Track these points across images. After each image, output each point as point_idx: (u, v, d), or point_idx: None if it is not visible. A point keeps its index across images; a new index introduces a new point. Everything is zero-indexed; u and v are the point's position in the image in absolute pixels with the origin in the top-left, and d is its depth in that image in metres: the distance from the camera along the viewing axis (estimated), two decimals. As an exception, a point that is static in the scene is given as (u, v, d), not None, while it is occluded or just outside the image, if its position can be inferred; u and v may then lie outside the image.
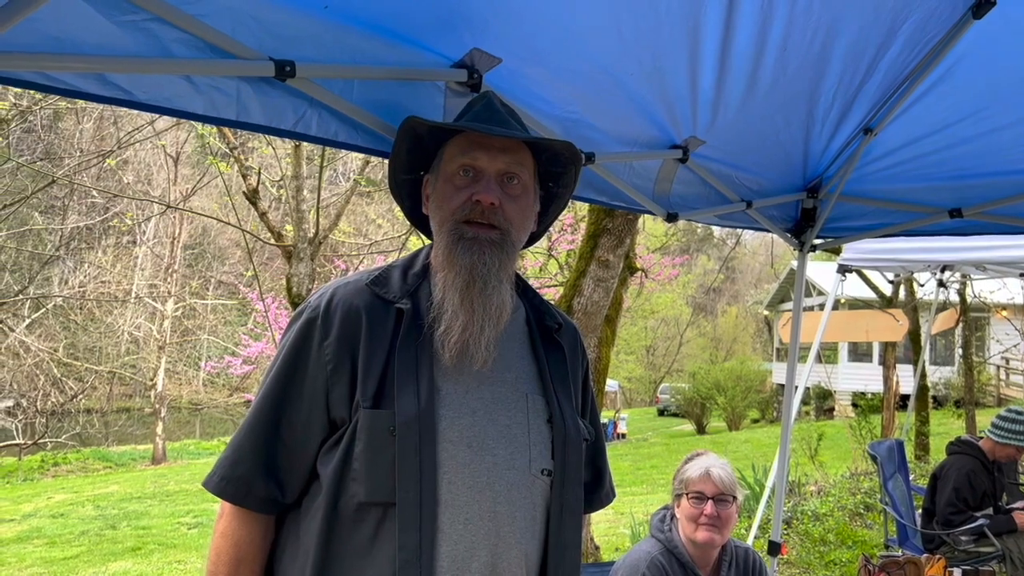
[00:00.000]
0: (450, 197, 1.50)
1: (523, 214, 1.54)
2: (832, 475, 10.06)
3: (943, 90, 2.63)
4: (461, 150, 1.51)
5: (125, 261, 30.10)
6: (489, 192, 1.47)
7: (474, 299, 1.43)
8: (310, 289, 6.69)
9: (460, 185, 1.50)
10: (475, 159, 1.49)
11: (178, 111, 1.51)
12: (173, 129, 14.19)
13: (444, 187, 1.52)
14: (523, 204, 1.54)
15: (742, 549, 2.80)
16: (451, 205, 1.49)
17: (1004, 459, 4.99)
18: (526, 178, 1.54)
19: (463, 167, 1.50)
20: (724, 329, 41.24)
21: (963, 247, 5.39)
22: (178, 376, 31.88)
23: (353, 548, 1.38)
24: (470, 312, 1.43)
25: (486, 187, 1.48)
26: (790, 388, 3.66)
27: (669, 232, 18.88)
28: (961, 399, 13.69)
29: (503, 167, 1.50)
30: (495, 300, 1.46)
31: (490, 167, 1.49)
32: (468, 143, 1.50)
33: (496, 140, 1.50)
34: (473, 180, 1.49)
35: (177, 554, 9.80)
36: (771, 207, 3.29)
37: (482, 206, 1.47)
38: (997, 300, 12.60)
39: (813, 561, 6.44)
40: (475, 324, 1.42)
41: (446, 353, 1.42)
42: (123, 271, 29.34)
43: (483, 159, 1.49)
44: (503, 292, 1.48)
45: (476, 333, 1.42)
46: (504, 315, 1.48)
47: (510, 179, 1.51)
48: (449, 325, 1.42)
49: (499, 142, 1.50)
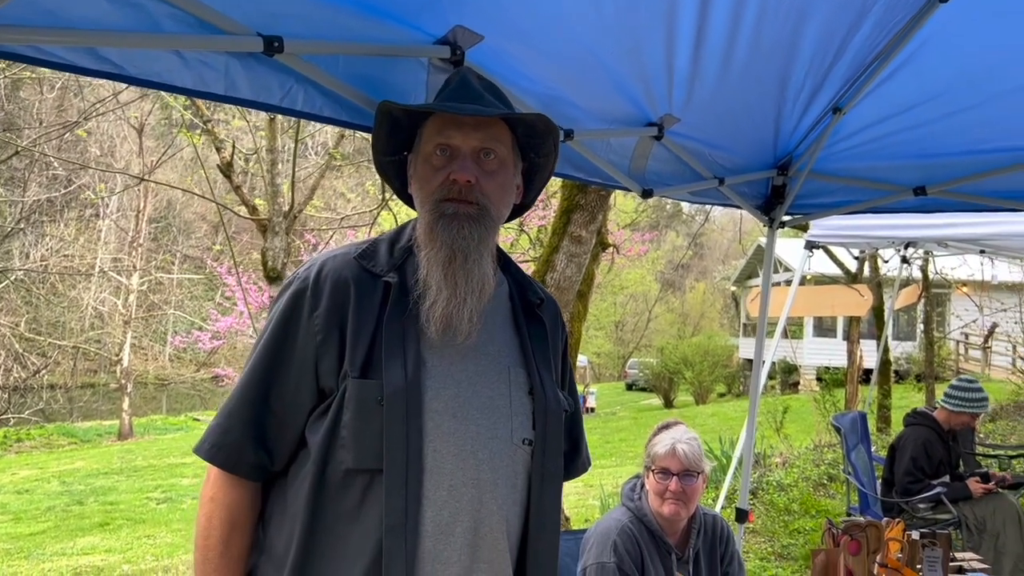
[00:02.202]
0: (429, 178, 1.53)
1: (502, 188, 1.57)
2: (797, 447, 10.28)
3: (909, 72, 2.71)
4: (436, 130, 1.53)
5: (88, 234, 29.62)
6: (465, 170, 1.50)
7: (456, 273, 1.47)
8: (285, 263, 6.68)
9: (437, 165, 1.52)
10: (449, 138, 1.51)
11: (168, 85, 1.52)
12: (138, 100, 13.91)
13: (423, 167, 1.55)
14: (501, 178, 1.56)
15: (710, 517, 2.87)
16: (430, 186, 1.52)
17: (959, 427, 5.15)
18: (503, 152, 1.56)
19: (438, 146, 1.52)
20: (692, 305, 41.63)
21: (926, 224, 5.52)
22: (144, 351, 31.54)
23: (340, 513, 1.43)
24: (452, 286, 1.46)
25: (461, 166, 1.50)
26: (758, 362, 3.75)
27: (639, 208, 18.97)
28: (922, 373, 14.02)
29: (477, 144, 1.52)
30: (476, 273, 1.49)
31: (464, 144, 1.52)
32: (442, 122, 1.53)
33: (469, 117, 1.52)
34: (450, 159, 1.52)
35: (146, 529, 9.78)
36: (742, 184, 3.36)
37: (459, 185, 1.50)
38: (958, 276, 12.90)
39: (778, 530, 6.62)
40: (458, 297, 1.46)
41: (431, 327, 1.46)
42: (86, 244, 28.88)
43: (457, 137, 1.52)
44: (484, 266, 1.52)
45: (459, 306, 1.46)
46: (487, 288, 1.52)
47: (486, 154, 1.53)
48: (434, 299, 1.46)
49: (472, 119, 1.52)
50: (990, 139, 3.00)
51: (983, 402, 5.05)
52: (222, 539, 1.47)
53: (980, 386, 5.11)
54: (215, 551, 1.47)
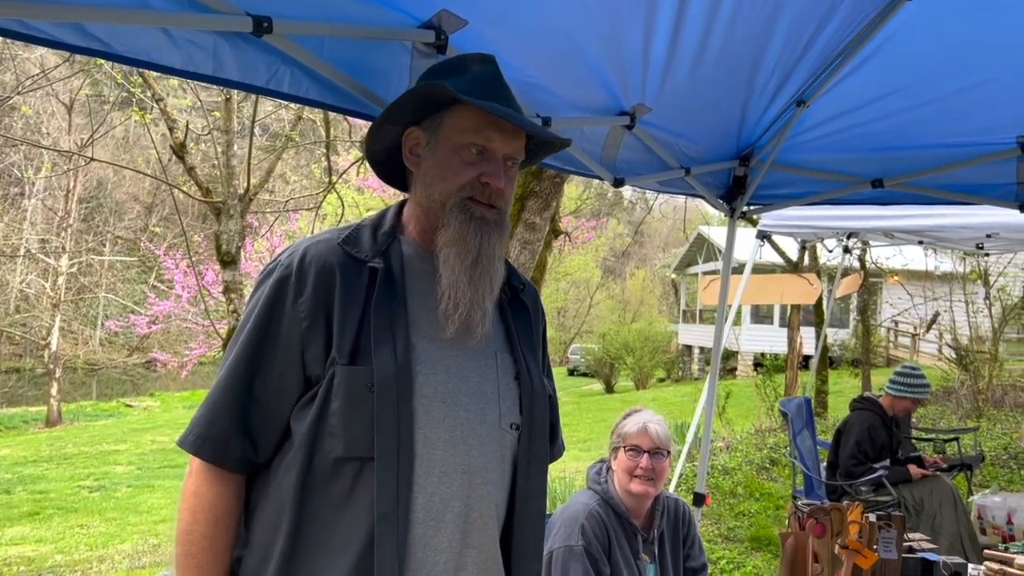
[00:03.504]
0: (456, 171, 1.50)
1: (512, 194, 1.59)
2: (739, 431, 10.53)
3: (872, 66, 2.78)
4: (475, 126, 1.50)
5: (13, 214, 28.50)
6: (499, 177, 1.50)
7: (481, 276, 1.48)
8: (239, 247, 6.53)
9: (468, 161, 1.50)
10: (490, 140, 1.50)
11: (156, 64, 1.47)
12: (68, 77, 13.39)
13: (451, 157, 1.51)
14: (514, 185, 1.58)
15: (672, 500, 2.94)
16: (458, 180, 1.50)
17: (901, 413, 5.34)
18: (519, 161, 1.58)
19: (475, 145, 1.50)
20: (632, 292, 42.15)
21: (873, 215, 5.67)
22: (74, 335, 30.57)
23: (329, 503, 1.41)
24: (476, 290, 1.47)
25: (496, 171, 1.50)
26: (717, 348, 3.82)
27: (583, 196, 19.10)
28: (857, 359, 14.48)
29: (510, 152, 1.53)
30: (496, 278, 1.52)
31: (501, 149, 1.51)
32: (483, 120, 1.49)
33: (510, 124, 1.50)
34: (481, 158, 1.50)
35: (79, 518, 9.52)
36: (706, 174, 3.41)
37: (491, 188, 1.49)
38: (891, 266, 13.34)
39: (724, 512, 6.78)
40: (479, 301, 1.48)
41: (450, 325, 1.46)
42: (11, 224, 27.80)
43: (497, 141, 1.50)
44: (500, 270, 1.54)
45: (480, 311, 1.48)
46: (496, 290, 1.54)
47: (512, 162, 1.54)
48: (456, 300, 1.46)
49: (512, 126, 1.51)
50: (945, 135, 3.11)
51: (924, 388, 5.24)
52: (206, 535, 1.44)
53: (923, 374, 5.30)
54: (198, 546, 1.44)
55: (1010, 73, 2.71)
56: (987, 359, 11.30)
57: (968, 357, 11.52)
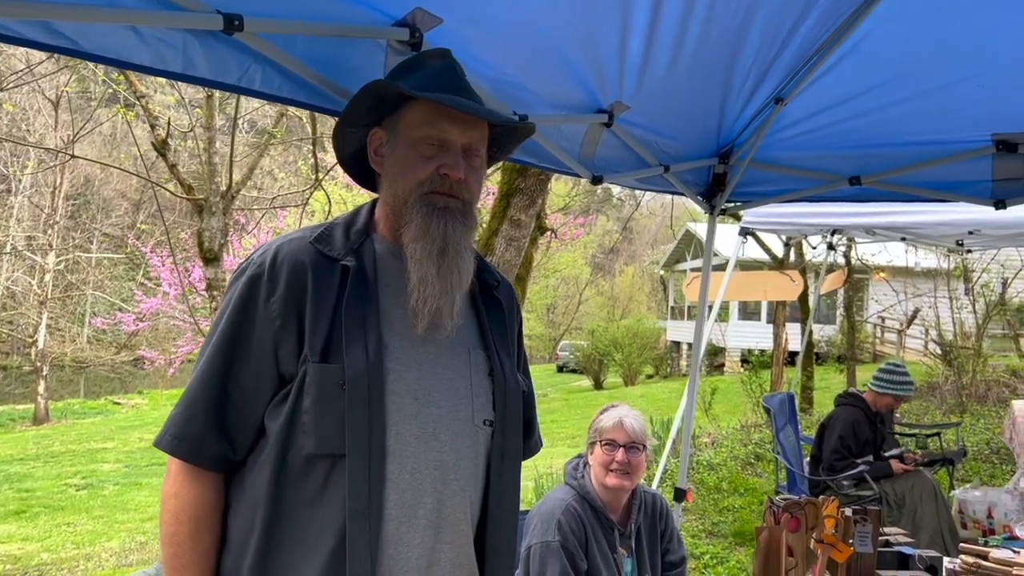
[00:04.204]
0: (415, 166, 1.51)
1: (480, 184, 1.58)
2: (724, 427, 10.57)
3: (849, 64, 2.80)
4: (428, 119, 1.50)
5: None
6: (458, 168, 1.49)
7: (449, 267, 1.47)
8: (222, 244, 6.50)
9: (426, 155, 1.50)
10: (444, 131, 1.50)
11: (124, 62, 1.47)
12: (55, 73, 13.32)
13: (408, 153, 1.52)
14: (480, 175, 1.57)
15: (650, 495, 2.96)
16: (417, 175, 1.50)
17: (884, 409, 5.38)
18: (483, 151, 1.57)
19: (430, 138, 1.50)
20: (621, 288, 42.22)
21: (855, 212, 5.71)
22: (61, 333, 30.40)
23: (302, 499, 1.42)
24: (445, 280, 1.47)
25: (455, 162, 1.50)
26: (698, 344, 3.84)
27: (572, 193, 19.11)
28: (843, 355, 14.55)
29: (468, 141, 1.52)
30: (464, 269, 1.51)
31: (458, 140, 1.51)
32: (437, 112, 1.50)
33: (465, 114, 1.50)
34: (439, 150, 1.51)
35: (66, 516, 9.49)
36: (686, 172, 3.42)
37: (450, 180, 1.49)
38: (877, 262, 13.40)
39: (708, 508, 6.81)
40: (449, 292, 1.47)
41: (420, 321, 1.46)
42: (-3, 221, 27.63)
43: (452, 132, 1.50)
44: (468, 261, 1.53)
45: (449, 302, 1.47)
46: (467, 283, 1.53)
47: (473, 152, 1.54)
48: (425, 293, 1.46)
49: (468, 116, 1.51)
50: (921, 132, 3.13)
51: (906, 386, 5.27)
52: (191, 535, 1.44)
53: (906, 371, 5.33)
54: (184, 546, 1.44)
55: (985, 71, 2.73)
56: (971, 355, 11.38)
57: (952, 353, 11.60)
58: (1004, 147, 3.06)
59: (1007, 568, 2.76)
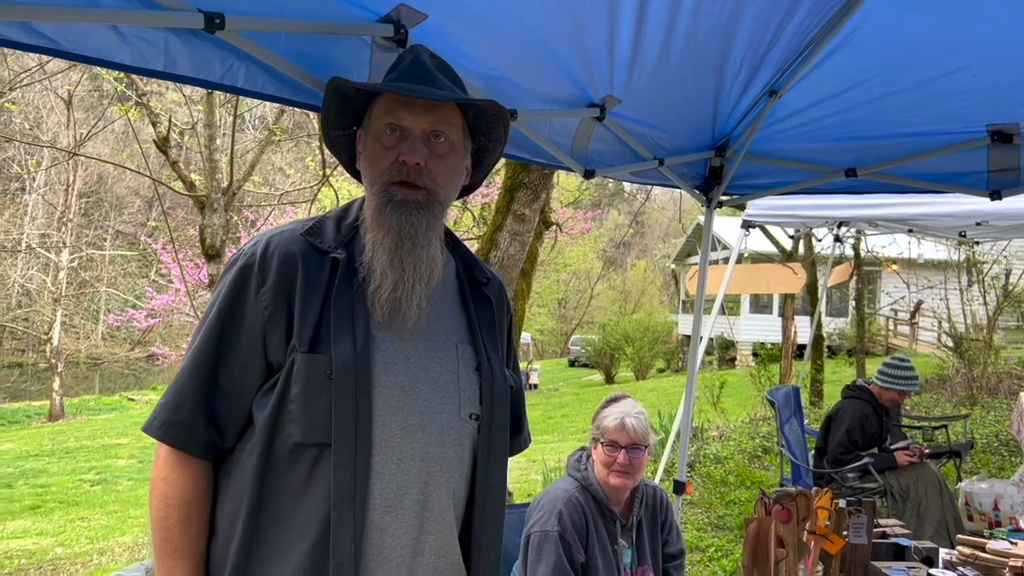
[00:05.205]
0: (378, 157, 1.53)
1: (450, 171, 1.58)
2: (733, 421, 10.55)
3: (842, 56, 2.79)
4: (386, 109, 1.53)
5: (13, 209, 28.54)
6: (414, 153, 1.50)
7: (404, 259, 1.48)
8: (224, 240, 6.54)
9: (387, 145, 1.53)
10: (400, 119, 1.52)
11: (105, 61, 1.49)
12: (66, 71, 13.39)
13: (372, 146, 1.55)
14: (450, 161, 1.57)
15: (651, 488, 2.97)
16: (379, 166, 1.53)
17: (888, 403, 5.37)
18: (453, 135, 1.57)
19: (389, 126, 1.52)
20: (633, 282, 42.17)
21: (858, 204, 5.69)
22: (75, 330, 30.65)
23: (287, 488, 1.44)
24: (400, 271, 1.48)
25: (411, 148, 1.51)
26: (695, 338, 3.84)
27: (582, 187, 19.08)
28: (853, 348, 14.47)
29: (427, 126, 1.53)
30: (424, 259, 1.51)
31: (415, 126, 1.52)
32: (393, 102, 1.53)
33: (420, 99, 1.52)
34: (400, 139, 1.52)
35: (80, 511, 9.58)
36: (681, 165, 3.42)
37: (408, 167, 1.50)
38: (888, 255, 13.31)
39: (714, 501, 6.80)
40: (406, 283, 1.48)
41: (378, 310, 1.48)
42: (12, 219, 27.84)
43: (408, 119, 1.52)
44: (432, 250, 1.53)
45: (408, 291, 1.48)
46: (435, 272, 1.54)
47: (436, 137, 1.54)
48: (379, 284, 1.48)
49: (423, 101, 1.52)
50: (916, 123, 3.12)
51: (911, 381, 5.25)
52: (181, 519, 1.46)
53: (912, 366, 5.31)
54: (175, 531, 1.46)
55: (979, 62, 2.72)
56: (982, 347, 11.29)
57: (964, 345, 11.52)
58: (999, 138, 3.04)
59: (1003, 559, 2.76)
